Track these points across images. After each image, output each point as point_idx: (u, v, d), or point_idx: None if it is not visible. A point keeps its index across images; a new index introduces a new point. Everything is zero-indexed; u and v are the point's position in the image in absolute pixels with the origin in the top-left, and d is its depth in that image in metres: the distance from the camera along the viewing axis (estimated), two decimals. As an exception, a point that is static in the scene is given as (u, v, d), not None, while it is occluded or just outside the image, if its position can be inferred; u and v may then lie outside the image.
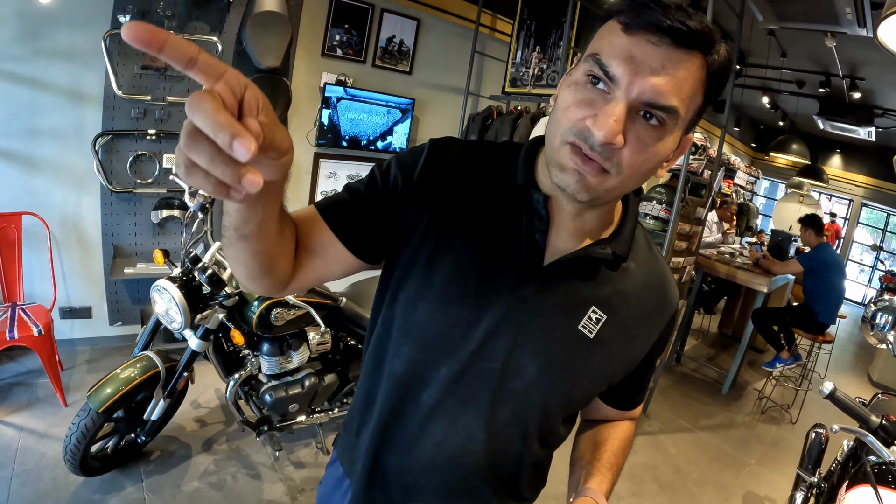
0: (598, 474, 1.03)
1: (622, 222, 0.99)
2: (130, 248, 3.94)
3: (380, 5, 4.62)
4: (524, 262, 0.93)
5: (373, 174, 0.99)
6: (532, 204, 0.94)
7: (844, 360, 7.67)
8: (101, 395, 2.42)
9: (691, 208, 3.83)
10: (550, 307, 0.94)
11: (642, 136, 0.78)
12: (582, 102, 0.78)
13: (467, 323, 0.93)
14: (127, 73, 3.59)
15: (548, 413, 0.99)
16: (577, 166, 0.79)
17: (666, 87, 0.75)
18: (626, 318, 0.98)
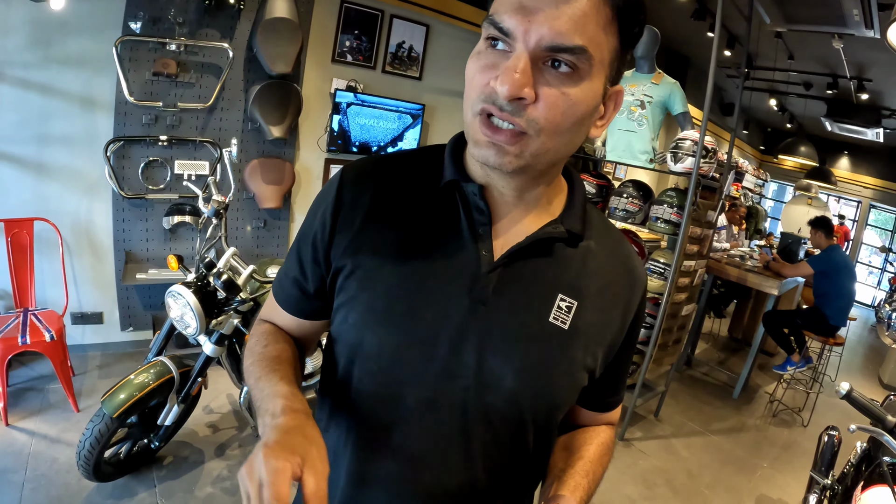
0: (571, 480, 0.90)
1: (570, 198, 0.92)
2: (142, 253, 3.95)
3: (389, 11, 4.63)
4: (473, 260, 0.84)
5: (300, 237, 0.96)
6: (468, 197, 0.86)
7: (855, 363, 7.62)
8: (116, 401, 2.42)
9: (702, 212, 3.82)
10: (513, 303, 0.84)
11: (554, 85, 0.71)
12: (485, 67, 0.73)
13: (424, 342, 0.83)
14: (138, 80, 3.61)
15: (537, 422, 0.89)
16: (489, 137, 0.73)
17: (565, 26, 0.68)
18: (598, 300, 0.89)
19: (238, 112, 4.06)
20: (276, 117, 4.00)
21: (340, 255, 0.88)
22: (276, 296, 1.02)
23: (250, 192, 4.24)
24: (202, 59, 3.80)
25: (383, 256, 0.85)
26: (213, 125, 3.97)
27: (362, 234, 0.87)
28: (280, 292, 1.01)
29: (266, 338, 0.98)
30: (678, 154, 3.71)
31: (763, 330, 5.32)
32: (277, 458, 0.61)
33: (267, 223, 4.50)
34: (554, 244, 0.87)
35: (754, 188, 9.56)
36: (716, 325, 7.30)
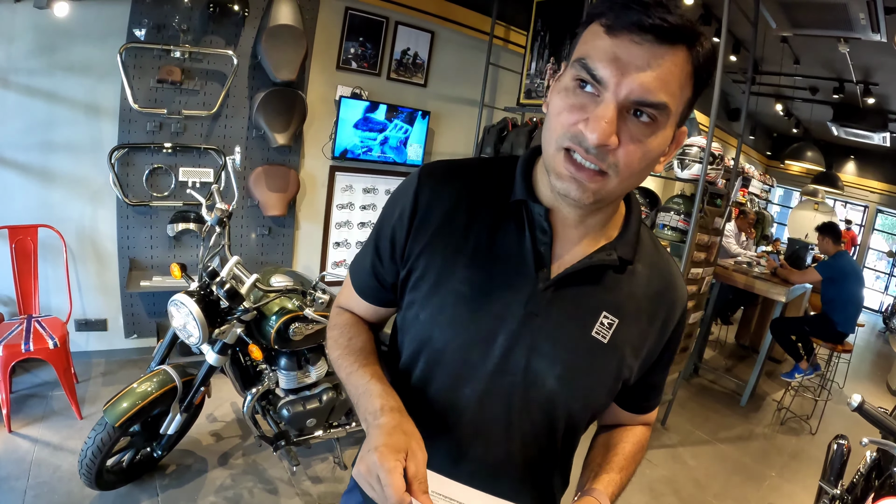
0: (606, 476, 1.03)
1: (626, 224, 1.01)
2: (146, 260, 3.94)
3: (394, 18, 4.62)
4: (533, 276, 0.95)
5: (378, 232, 1.07)
6: (534, 217, 0.95)
7: (863, 370, 7.57)
8: (118, 410, 2.41)
9: (709, 219, 3.79)
10: (562, 317, 0.95)
11: (635, 134, 0.79)
12: (573, 107, 0.80)
13: (484, 343, 0.95)
14: (143, 87, 3.61)
15: (572, 419, 1.01)
16: (571, 174, 0.82)
17: (653, 84, 0.76)
18: (638, 319, 1.00)
19: (242, 119, 4.05)
20: (280, 124, 3.99)
21: (416, 256, 0.99)
22: (354, 283, 1.15)
23: (255, 199, 4.23)
24: (207, 67, 3.80)
25: (454, 263, 0.96)
26: (218, 132, 3.96)
27: (436, 238, 0.98)
28: (357, 281, 1.14)
29: (349, 329, 1.12)
30: (685, 161, 3.69)
31: (770, 337, 5.28)
32: (388, 459, 0.75)
33: (272, 231, 4.49)
34: (604, 268, 0.97)
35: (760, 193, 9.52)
36: (722, 332, 7.27)
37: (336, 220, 4.88)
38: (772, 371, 6.25)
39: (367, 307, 1.15)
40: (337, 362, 1.07)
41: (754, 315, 6.93)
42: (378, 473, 0.75)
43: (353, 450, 3.35)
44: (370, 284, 1.11)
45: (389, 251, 1.03)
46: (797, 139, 10.28)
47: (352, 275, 1.16)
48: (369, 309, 1.15)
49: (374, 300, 1.13)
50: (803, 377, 5.28)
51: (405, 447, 0.79)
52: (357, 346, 1.07)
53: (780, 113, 9.08)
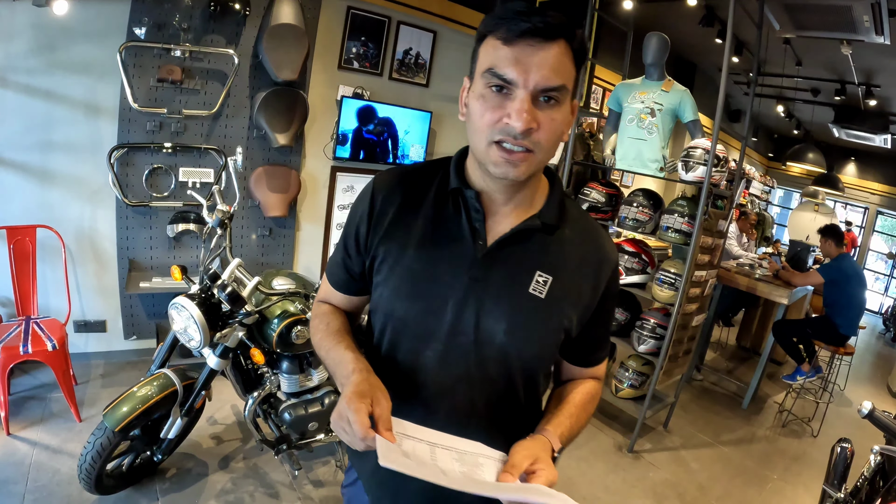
0: (556, 419, 1.17)
1: (550, 197, 1.18)
2: (146, 261, 3.91)
3: (396, 18, 4.60)
4: (471, 248, 1.12)
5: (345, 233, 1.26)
6: (467, 201, 1.13)
7: (863, 372, 7.56)
8: (118, 414, 2.38)
9: (713, 221, 3.77)
10: (501, 280, 1.11)
11: (547, 114, 0.99)
12: (494, 107, 0.99)
13: (437, 309, 1.11)
14: (143, 86, 3.58)
15: (525, 368, 1.16)
16: (506, 159, 1.00)
17: (550, 73, 0.96)
18: (571, 276, 1.15)
19: (243, 119, 4.03)
20: (281, 124, 3.96)
21: (376, 246, 1.18)
22: (330, 279, 1.33)
23: (255, 200, 4.21)
24: (207, 66, 3.77)
25: (407, 247, 1.13)
26: (218, 132, 3.94)
27: (391, 230, 1.16)
28: (332, 276, 1.33)
29: (327, 317, 1.30)
30: (689, 163, 3.66)
31: (772, 339, 5.27)
32: (354, 402, 0.93)
33: (272, 232, 4.46)
34: (534, 233, 1.14)
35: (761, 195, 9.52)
36: (724, 334, 7.26)
37: (337, 220, 4.86)
38: (773, 373, 6.24)
39: (342, 297, 1.34)
40: (318, 344, 1.25)
41: (755, 317, 6.92)
42: (347, 416, 0.92)
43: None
44: (343, 277, 1.30)
45: (355, 246, 1.22)
46: (798, 141, 10.27)
47: (328, 273, 1.35)
48: (344, 299, 1.34)
49: (346, 290, 1.32)
50: (805, 379, 5.27)
51: (370, 394, 0.96)
52: (334, 328, 1.25)
53: (782, 114, 9.07)
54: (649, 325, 3.94)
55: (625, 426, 4.32)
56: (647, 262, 4.02)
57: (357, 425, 0.90)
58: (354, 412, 0.91)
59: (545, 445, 1.07)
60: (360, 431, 0.89)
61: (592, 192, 4.15)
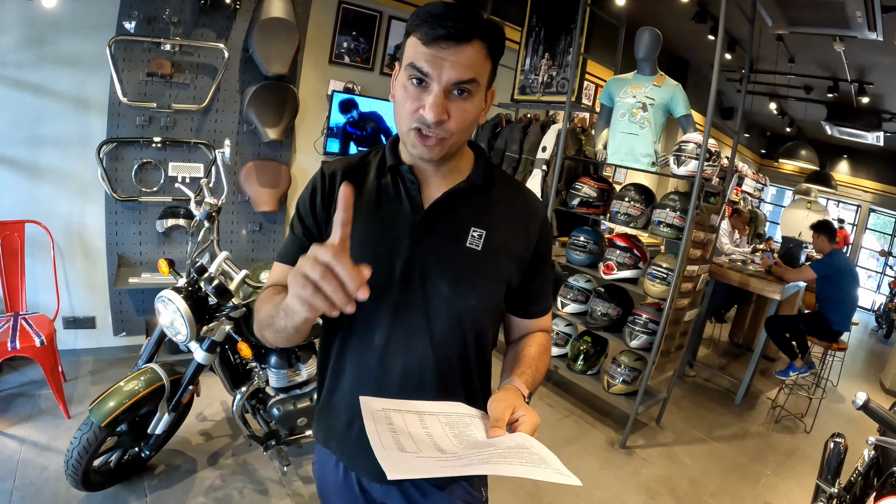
0: (518, 369, 1.26)
1: (476, 165, 1.29)
2: (135, 257, 3.89)
3: (387, 13, 4.59)
4: (410, 213, 1.22)
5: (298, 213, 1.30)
6: (402, 174, 1.25)
7: (856, 368, 7.58)
8: (104, 409, 2.36)
9: (705, 216, 3.76)
10: (439, 238, 1.21)
11: (459, 105, 1.09)
12: (412, 98, 1.09)
13: (386, 270, 1.19)
14: (132, 80, 3.56)
15: (473, 318, 1.25)
16: (422, 143, 1.11)
17: (462, 69, 1.06)
18: (504, 229, 1.26)
19: (233, 114, 4.01)
20: (271, 119, 3.94)
21: (328, 219, 1.24)
22: (284, 259, 1.30)
23: (245, 195, 4.19)
24: (197, 60, 3.75)
25: (356, 219, 1.11)
26: (208, 127, 3.92)
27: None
28: (288, 257, 1.29)
29: (277, 292, 1.21)
30: (681, 157, 3.65)
31: (765, 335, 5.27)
32: (332, 249, 0.86)
33: (262, 227, 4.44)
34: (465, 195, 1.25)
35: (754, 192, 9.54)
36: (716, 330, 7.26)
37: (328, 216, 4.81)
38: (766, 369, 6.24)
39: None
40: (262, 310, 1.18)
41: (748, 313, 6.93)
42: (329, 264, 0.85)
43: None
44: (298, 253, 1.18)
45: (312, 221, 1.26)
46: (791, 138, 10.31)
47: (281, 258, 1.32)
48: None
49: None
50: (798, 375, 5.27)
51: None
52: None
53: (775, 112, 9.08)
54: (641, 320, 3.93)
55: (617, 422, 4.31)
56: (640, 256, 4.01)
57: (348, 270, 0.84)
58: (336, 257, 0.85)
59: (517, 393, 1.16)
60: (354, 279, 0.85)
61: (584, 186, 4.14)
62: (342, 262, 0.84)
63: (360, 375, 1.26)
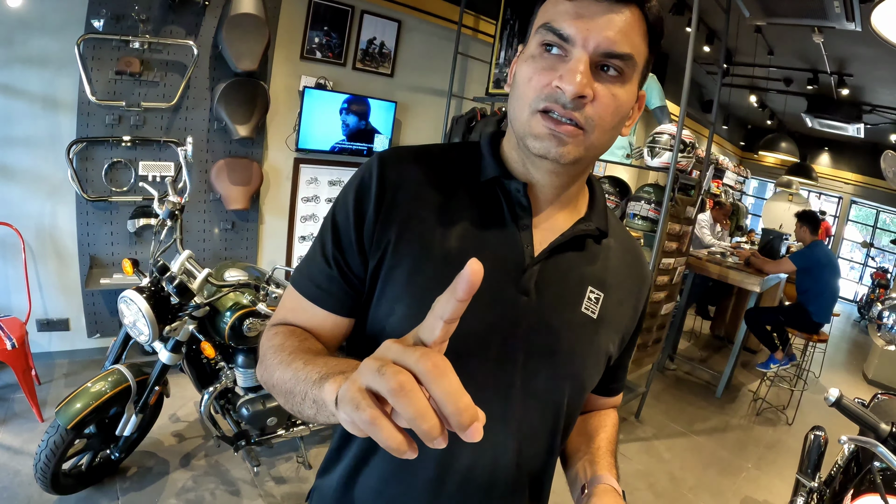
0: (604, 461, 1.01)
1: (593, 199, 1.01)
2: (107, 257, 3.84)
3: (360, 7, 4.54)
4: (516, 254, 0.90)
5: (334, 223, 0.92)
6: (511, 194, 0.92)
7: (838, 359, 7.64)
8: (71, 411, 2.33)
9: (681, 208, 3.76)
10: (553, 295, 0.91)
11: (608, 87, 0.81)
12: (543, 70, 0.81)
13: (477, 332, 0.86)
14: (101, 79, 3.51)
15: (570, 403, 0.97)
16: (551, 130, 0.81)
17: (617, 36, 0.78)
18: (618, 293, 0.99)
19: (203, 111, 3.96)
20: (242, 116, 3.90)
21: (386, 242, 0.89)
22: (304, 290, 0.95)
23: (217, 193, 4.14)
24: (166, 57, 3.70)
25: (430, 248, 0.88)
26: (178, 125, 3.87)
27: (408, 222, 0.89)
28: (310, 285, 0.94)
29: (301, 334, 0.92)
30: (655, 148, 3.65)
31: (745, 327, 5.28)
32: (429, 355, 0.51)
33: (235, 225, 4.40)
34: (585, 240, 0.96)
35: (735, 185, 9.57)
36: (697, 322, 7.28)
37: (301, 213, 4.80)
38: (747, 361, 6.27)
39: (324, 318, 0.94)
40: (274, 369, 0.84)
41: (729, 306, 6.95)
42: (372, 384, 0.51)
43: (318, 449, 3.28)
44: (330, 287, 0.93)
45: (356, 241, 0.90)
46: (771, 131, 10.35)
47: (299, 282, 0.96)
48: (326, 320, 0.94)
49: (334, 306, 0.93)
50: (779, 367, 5.29)
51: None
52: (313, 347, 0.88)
53: (755, 104, 9.11)
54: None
55: (597, 417, 4.29)
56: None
57: (453, 391, 0.49)
58: (435, 367, 0.50)
59: (617, 497, 0.91)
60: (462, 409, 0.49)
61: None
62: (444, 377, 0.49)
63: (402, 468, 0.91)
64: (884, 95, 7.57)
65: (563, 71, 0.78)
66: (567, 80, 0.77)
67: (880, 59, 5.90)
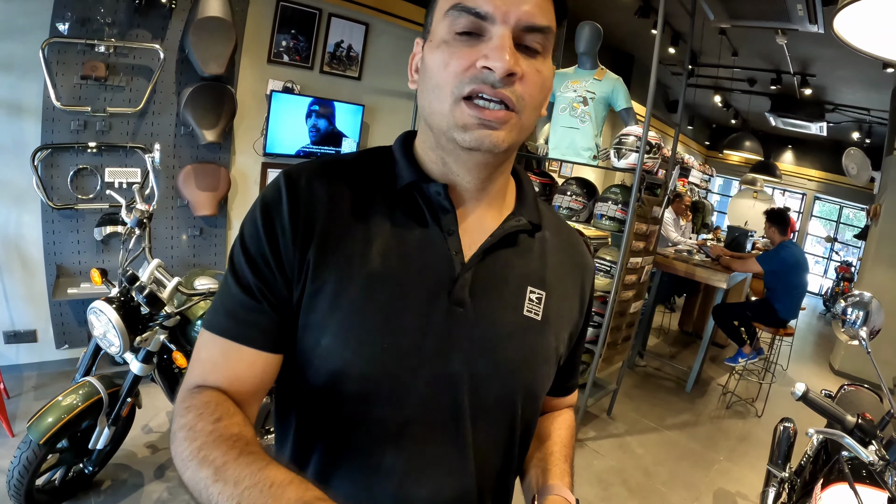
0: (557, 468, 0.96)
1: (521, 191, 0.95)
2: (74, 266, 3.77)
3: (327, 10, 4.52)
4: (445, 262, 0.83)
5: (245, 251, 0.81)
6: (430, 198, 0.85)
7: (805, 351, 7.81)
8: (42, 426, 2.28)
9: (647, 208, 3.81)
10: (490, 302, 0.85)
11: (531, 63, 0.76)
12: (462, 53, 0.74)
13: (409, 354, 0.80)
14: (66, 84, 3.44)
15: (525, 413, 0.91)
16: (480, 120, 0.75)
17: (534, 9, 0.74)
18: (560, 287, 0.94)
19: (170, 116, 3.91)
20: (209, 121, 3.86)
21: (305, 268, 0.80)
22: (226, 329, 0.80)
23: (184, 199, 4.09)
24: (132, 62, 3.65)
25: (352, 267, 0.80)
26: (145, 130, 3.81)
27: (325, 244, 0.80)
28: (230, 327, 0.80)
29: (215, 409, 0.74)
30: (621, 150, 3.69)
31: (713, 323, 5.37)
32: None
33: (203, 231, 4.34)
34: (518, 237, 0.89)
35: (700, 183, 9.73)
36: (666, 319, 7.37)
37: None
38: (715, 356, 6.38)
39: (252, 360, 0.80)
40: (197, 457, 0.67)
41: (697, 302, 7.06)
42: None
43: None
44: (256, 321, 0.80)
45: (274, 263, 0.80)
46: (736, 130, 10.53)
47: (217, 323, 0.81)
48: (255, 363, 0.81)
49: (264, 340, 0.80)
50: (747, 361, 5.37)
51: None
52: (232, 431, 0.71)
53: (719, 104, 9.26)
54: (586, 313, 3.96)
55: (570, 415, 4.33)
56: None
57: None
58: None
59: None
60: None
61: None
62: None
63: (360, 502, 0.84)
64: (846, 95, 7.75)
65: (488, 50, 0.73)
66: (495, 58, 0.71)
67: (842, 59, 6.05)
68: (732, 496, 3.71)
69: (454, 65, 0.74)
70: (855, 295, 2.10)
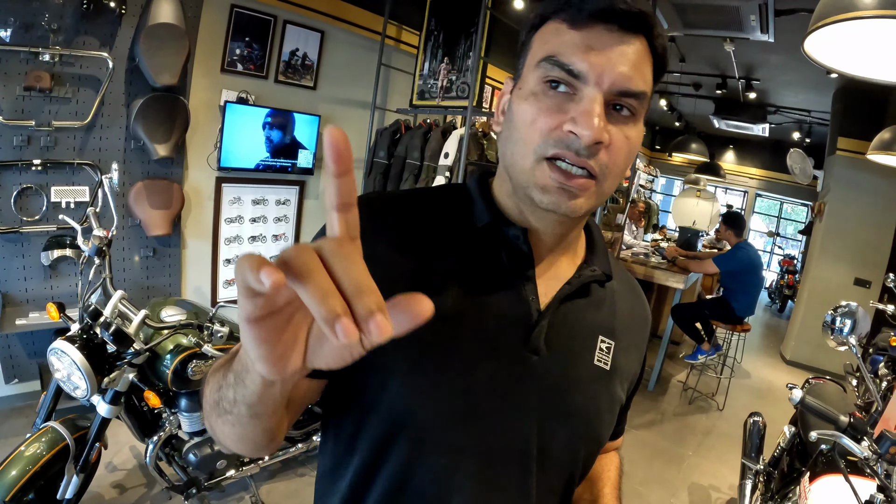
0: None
1: (591, 240, 0.94)
2: (21, 294, 3.50)
3: (282, 17, 4.37)
4: (522, 309, 0.81)
5: None
6: (510, 241, 0.82)
7: (756, 343, 8.07)
8: (7, 480, 2.10)
9: (611, 216, 3.82)
10: (563, 350, 0.84)
11: (622, 130, 0.73)
12: (550, 110, 0.72)
13: (480, 399, 0.78)
14: (8, 96, 3.20)
15: (586, 460, 0.91)
16: (560, 184, 0.72)
17: (632, 71, 0.71)
18: (626, 338, 0.93)
19: (120, 129, 3.68)
20: (161, 134, 3.66)
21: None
22: None
23: (136, 218, 3.86)
24: (79, 71, 3.43)
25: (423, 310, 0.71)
26: (93, 145, 3.59)
27: (391, 276, 0.70)
28: None
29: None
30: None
31: (671, 322, 5.46)
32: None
33: (156, 251, 4.12)
34: (590, 286, 0.88)
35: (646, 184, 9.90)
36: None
37: (225, 235, 4.55)
38: (672, 353, 6.48)
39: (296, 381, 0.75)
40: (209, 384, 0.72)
41: (651, 301, 7.14)
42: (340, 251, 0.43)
43: (269, 485, 3.12)
44: None
45: None
46: (680, 132, 10.75)
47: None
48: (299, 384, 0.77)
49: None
50: (706, 358, 5.48)
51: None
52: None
53: (664, 108, 9.42)
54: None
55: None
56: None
57: (356, 273, 0.43)
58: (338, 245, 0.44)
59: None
60: (366, 291, 0.43)
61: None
62: (348, 258, 0.43)
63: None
64: (788, 97, 7.99)
65: (576, 113, 0.69)
66: (583, 125, 0.68)
67: (787, 65, 6.24)
68: (706, 489, 3.77)
69: (541, 123, 0.72)
70: (843, 305, 2.21)
